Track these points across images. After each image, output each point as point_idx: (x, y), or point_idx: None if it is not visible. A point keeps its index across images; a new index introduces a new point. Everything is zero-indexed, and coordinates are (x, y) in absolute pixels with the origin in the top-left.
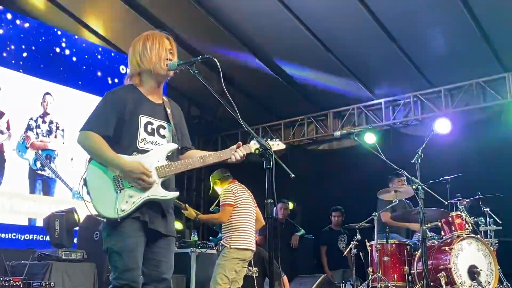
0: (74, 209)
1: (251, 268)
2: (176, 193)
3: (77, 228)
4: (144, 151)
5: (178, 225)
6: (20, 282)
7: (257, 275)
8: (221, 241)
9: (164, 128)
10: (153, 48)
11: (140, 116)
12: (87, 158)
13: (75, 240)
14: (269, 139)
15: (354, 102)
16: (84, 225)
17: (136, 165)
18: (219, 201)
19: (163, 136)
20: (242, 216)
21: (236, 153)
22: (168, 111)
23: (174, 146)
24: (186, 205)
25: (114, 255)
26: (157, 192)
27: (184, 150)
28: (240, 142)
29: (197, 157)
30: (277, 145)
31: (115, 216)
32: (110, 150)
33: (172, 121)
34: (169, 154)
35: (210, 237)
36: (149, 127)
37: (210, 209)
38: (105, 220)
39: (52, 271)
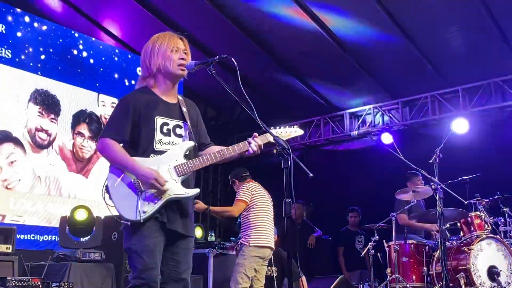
0: (75, 207)
1: (270, 268)
2: (196, 190)
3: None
4: (162, 152)
5: (199, 233)
6: (39, 283)
7: (276, 275)
8: (240, 240)
9: (180, 127)
10: (161, 49)
11: (156, 117)
12: (109, 164)
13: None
14: (287, 126)
15: (370, 102)
16: (102, 226)
17: (149, 171)
18: None
19: (180, 136)
20: (260, 215)
21: (252, 144)
22: (184, 109)
23: (191, 143)
24: (196, 200)
25: (133, 255)
26: (177, 190)
27: (203, 147)
28: (255, 133)
29: (214, 152)
30: (295, 131)
31: (138, 219)
32: (125, 155)
33: (188, 120)
34: (187, 152)
35: (231, 238)
36: (165, 128)
37: None
38: (129, 223)
39: (71, 272)
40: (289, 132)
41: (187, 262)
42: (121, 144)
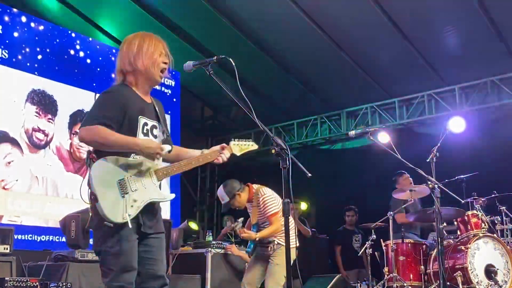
0: (89, 209)
1: None
2: (173, 195)
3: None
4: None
5: (194, 225)
6: (37, 283)
7: None
8: (275, 240)
9: (156, 128)
10: (149, 52)
11: (139, 117)
12: (88, 162)
13: (91, 241)
14: (243, 140)
15: (367, 102)
16: None
17: (150, 141)
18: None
19: (156, 137)
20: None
21: (223, 154)
22: (157, 109)
23: (169, 148)
24: (244, 229)
25: (109, 257)
26: (157, 194)
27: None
28: (224, 144)
29: (191, 160)
30: (251, 145)
31: (124, 221)
32: (122, 135)
33: (162, 120)
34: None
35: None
36: (145, 128)
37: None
38: (111, 224)
39: (69, 272)
40: (246, 145)
41: (163, 260)
42: None
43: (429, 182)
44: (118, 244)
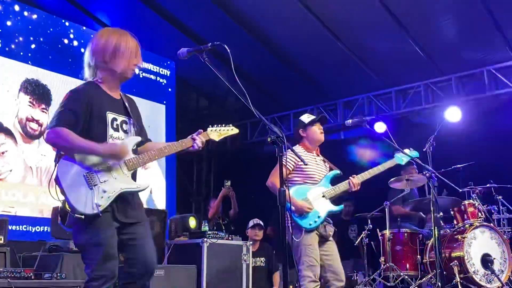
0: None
1: (259, 258)
2: (147, 185)
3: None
4: None
5: (193, 223)
6: (31, 274)
7: (264, 265)
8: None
9: (126, 123)
10: (126, 54)
11: (107, 112)
12: (56, 160)
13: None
14: (223, 125)
15: (363, 91)
16: None
17: (112, 145)
18: None
19: (126, 131)
20: None
21: (197, 140)
22: (127, 105)
23: (138, 139)
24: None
25: (90, 248)
26: (129, 184)
27: (141, 143)
28: (200, 130)
29: (161, 148)
30: (231, 130)
31: (94, 212)
32: (83, 139)
33: (132, 115)
34: (134, 147)
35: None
36: (115, 123)
37: None
38: (83, 217)
39: (64, 263)
40: (225, 130)
41: (150, 244)
42: None
43: (426, 172)
44: (97, 234)
